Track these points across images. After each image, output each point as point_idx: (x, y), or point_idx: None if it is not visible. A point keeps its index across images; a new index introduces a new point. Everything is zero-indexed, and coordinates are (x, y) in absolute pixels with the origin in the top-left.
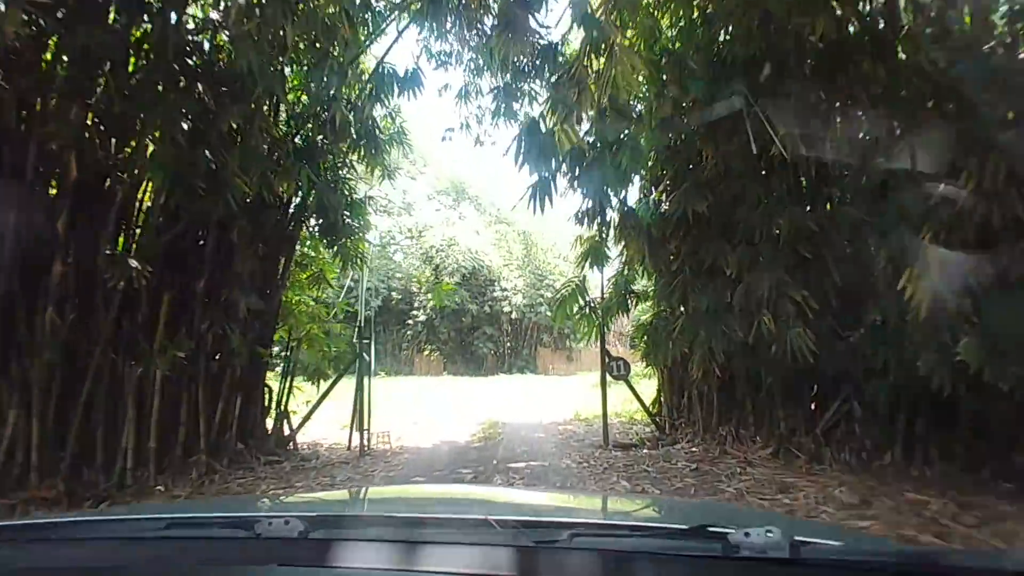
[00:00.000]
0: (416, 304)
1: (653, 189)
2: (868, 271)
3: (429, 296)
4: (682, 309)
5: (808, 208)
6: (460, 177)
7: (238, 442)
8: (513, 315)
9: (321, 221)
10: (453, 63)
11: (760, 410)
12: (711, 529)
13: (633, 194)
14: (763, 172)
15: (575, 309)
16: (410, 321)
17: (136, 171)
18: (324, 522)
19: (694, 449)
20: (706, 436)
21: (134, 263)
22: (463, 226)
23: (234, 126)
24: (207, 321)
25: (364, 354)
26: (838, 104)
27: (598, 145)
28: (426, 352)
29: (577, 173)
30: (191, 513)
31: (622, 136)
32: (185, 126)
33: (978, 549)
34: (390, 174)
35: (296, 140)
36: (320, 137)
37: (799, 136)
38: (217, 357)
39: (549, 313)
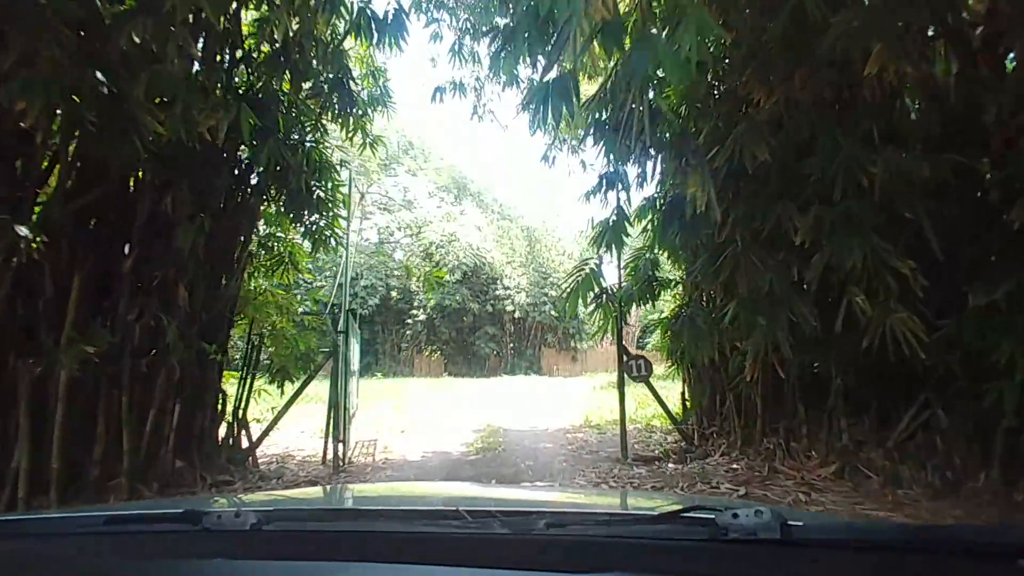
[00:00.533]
0: (416, 303)
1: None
2: (985, 237)
3: (429, 296)
4: (730, 293)
5: (905, 153)
6: (462, 173)
7: (176, 459)
8: (516, 314)
9: (283, 191)
10: (448, 20)
11: (815, 418)
12: (696, 515)
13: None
14: (843, 107)
15: (590, 298)
16: (410, 321)
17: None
18: (279, 515)
19: (735, 466)
20: (746, 449)
21: (23, 231)
22: (464, 221)
23: (137, 40)
24: (135, 310)
25: (340, 351)
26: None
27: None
28: (426, 352)
29: (614, 62)
30: (134, 510)
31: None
32: (68, 38)
33: (980, 525)
34: (372, 143)
35: (257, 92)
36: (277, 80)
37: (898, 53)
38: (152, 354)
39: (555, 312)
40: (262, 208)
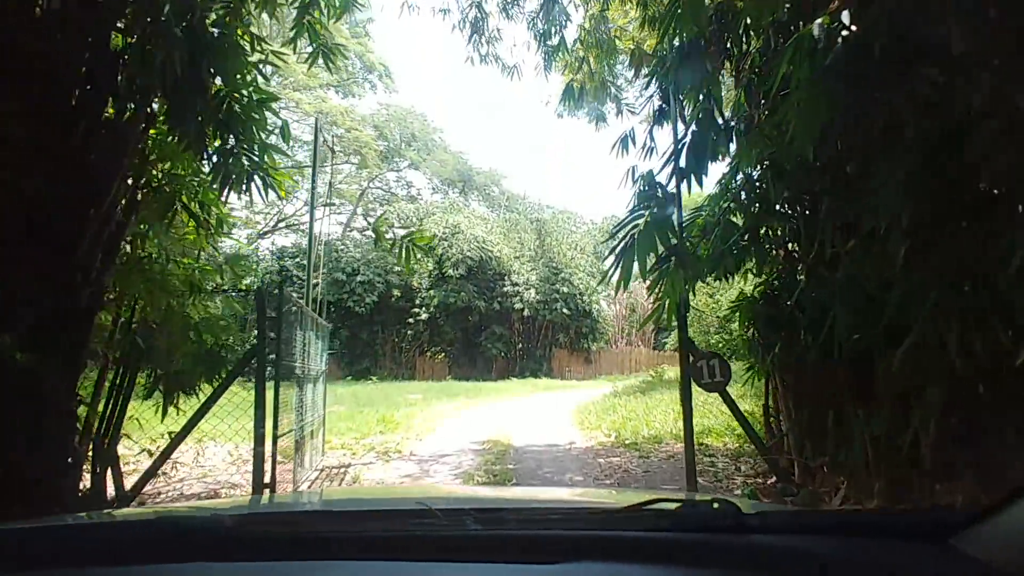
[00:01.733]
0: (418, 301)
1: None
2: None
3: (432, 292)
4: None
5: None
6: (467, 164)
7: None
8: (525, 312)
9: (155, 84)
10: None
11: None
12: (657, 508)
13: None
14: None
15: (650, 261)
16: (411, 320)
17: None
18: (256, 519)
19: None
20: (887, 489)
21: None
22: (468, 213)
23: None
24: None
25: (268, 347)
26: None
27: None
28: (429, 354)
29: None
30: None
31: None
32: None
33: (916, 510)
34: (327, 53)
35: None
36: None
37: None
38: None
39: (566, 310)
40: (151, 132)
